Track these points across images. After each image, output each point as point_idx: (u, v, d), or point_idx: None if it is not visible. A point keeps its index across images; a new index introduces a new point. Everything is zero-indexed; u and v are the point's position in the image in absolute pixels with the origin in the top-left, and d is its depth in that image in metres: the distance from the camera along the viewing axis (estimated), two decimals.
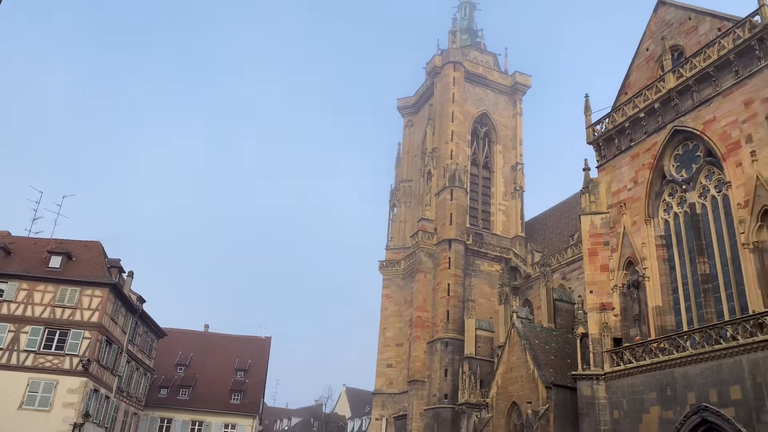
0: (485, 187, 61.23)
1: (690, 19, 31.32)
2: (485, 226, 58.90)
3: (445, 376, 48.66)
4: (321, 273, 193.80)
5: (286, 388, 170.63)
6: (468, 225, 56.43)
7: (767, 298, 24.14)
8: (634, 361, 28.57)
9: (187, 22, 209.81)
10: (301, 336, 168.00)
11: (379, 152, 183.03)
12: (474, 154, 61.50)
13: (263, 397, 62.76)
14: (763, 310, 23.84)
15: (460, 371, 44.03)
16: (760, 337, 23.08)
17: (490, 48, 70.93)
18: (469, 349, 46.14)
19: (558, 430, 31.70)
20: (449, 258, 52.61)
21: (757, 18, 26.51)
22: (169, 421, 53.22)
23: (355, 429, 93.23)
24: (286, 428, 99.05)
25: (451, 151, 57.74)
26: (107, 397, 40.50)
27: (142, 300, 46.42)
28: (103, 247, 41.88)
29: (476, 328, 47.09)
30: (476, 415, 38.84)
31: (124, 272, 43.71)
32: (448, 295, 51.24)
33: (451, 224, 53.83)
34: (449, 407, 46.80)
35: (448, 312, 50.75)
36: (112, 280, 39.36)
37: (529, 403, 33.53)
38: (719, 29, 28.93)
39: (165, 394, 55.01)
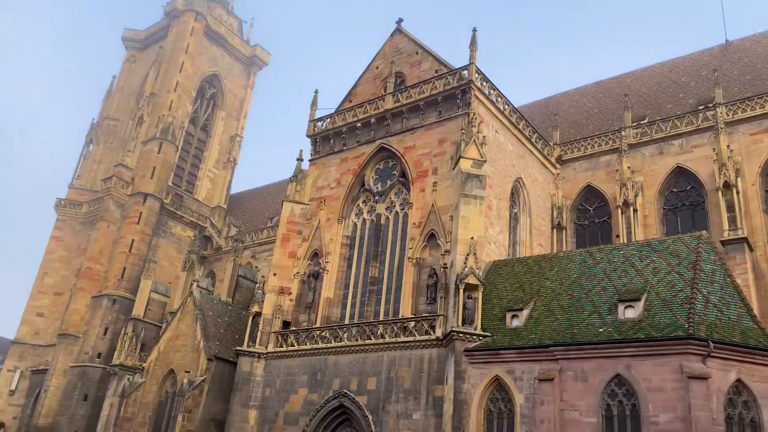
0: (198, 149, 59.05)
1: (417, 53, 35.05)
2: (188, 189, 56.74)
3: (105, 334, 45.31)
4: None
5: None
6: (171, 183, 53.70)
7: (416, 306, 28.22)
8: (296, 344, 30.52)
9: None
10: None
11: (89, 79, 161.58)
12: (195, 113, 58.86)
13: None
14: (409, 316, 27.78)
15: (123, 332, 41.43)
16: (402, 339, 26.83)
17: (238, 12, 68.92)
18: (139, 310, 43.78)
19: (210, 401, 32.06)
20: (141, 213, 49.27)
21: (465, 72, 30.98)
22: None
23: None
24: None
25: (172, 102, 54.30)
26: None
27: None
28: None
29: (151, 291, 44.92)
30: (128, 379, 36.94)
31: None
32: (130, 251, 47.90)
33: (152, 178, 50.53)
34: (100, 367, 43.70)
35: (124, 269, 47.41)
36: None
37: (187, 372, 33.22)
38: (437, 71, 33.00)
39: None
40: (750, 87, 34.72)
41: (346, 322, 30.55)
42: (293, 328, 31.59)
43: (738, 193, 29.56)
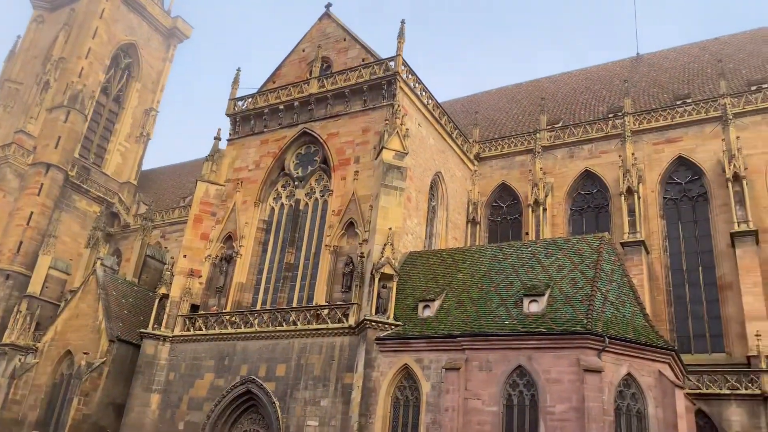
0: (109, 121, 55.93)
1: (345, 40, 34.79)
2: (96, 162, 53.68)
3: None
4: None
5: None
6: (77, 155, 50.65)
7: (330, 294, 28.17)
8: (204, 328, 29.74)
9: None
10: None
11: None
12: (108, 83, 55.64)
13: None
14: (324, 303, 27.70)
15: (16, 309, 38.88)
16: (314, 326, 26.74)
17: None
18: (35, 287, 41.27)
19: (109, 384, 30.78)
20: (42, 184, 46.25)
21: (392, 64, 31.08)
22: None
23: None
24: None
25: (83, 69, 51.18)
26: None
27: None
28: None
29: (50, 267, 42.46)
30: (20, 359, 34.73)
31: None
32: (28, 224, 44.89)
33: (56, 148, 47.48)
34: None
35: (21, 243, 44.41)
36: None
37: (86, 354, 31.70)
38: (363, 59, 32.89)
39: None
40: (655, 99, 36.99)
41: (258, 307, 30.07)
42: (202, 312, 30.75)
43: (639, 198, 31.49)
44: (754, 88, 33.17)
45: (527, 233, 34.19)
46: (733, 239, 28.98)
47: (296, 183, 32.48)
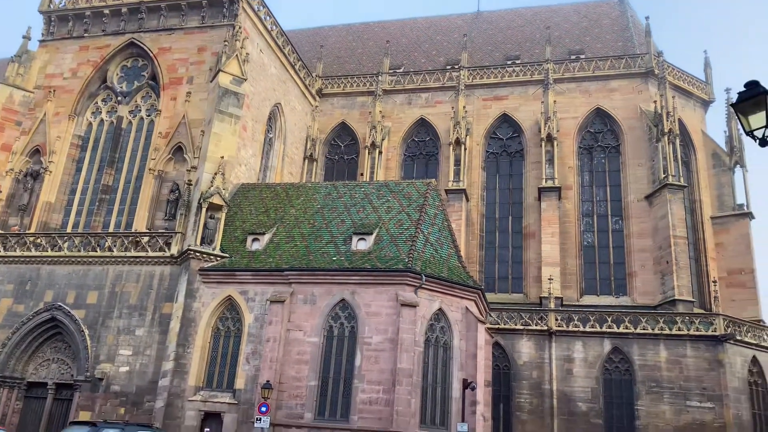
0: None
1: None
2: None
3: None
4: None
5: None
6: None
7: (151, 221, 26.63)
8: (3, 250, 26.75)
9: None
10: None
11: None
12: None
13: None
14: (144, 230, 26.15)
15: None
16: (132, 254, 25.24)
17: None
18: None
19: None
20: None
21: None
22: None
23: None
24: None
25: None
26: None
27: None
28: None
29: None
30: None
31: None
32: None
33: None
34: None
35: None
36: None
37: None
38: None
39: None
40: (489, 57, 39.13)
41: (69, 230, 27.59)
42: (1, 232, 27.50)
43: (465, 150, 33.52)
44: (573, 57, 36.44)
45: (362, 174, 34.93)
46: (540, 193, 32.20)
47: (119, 98, 29.73)
